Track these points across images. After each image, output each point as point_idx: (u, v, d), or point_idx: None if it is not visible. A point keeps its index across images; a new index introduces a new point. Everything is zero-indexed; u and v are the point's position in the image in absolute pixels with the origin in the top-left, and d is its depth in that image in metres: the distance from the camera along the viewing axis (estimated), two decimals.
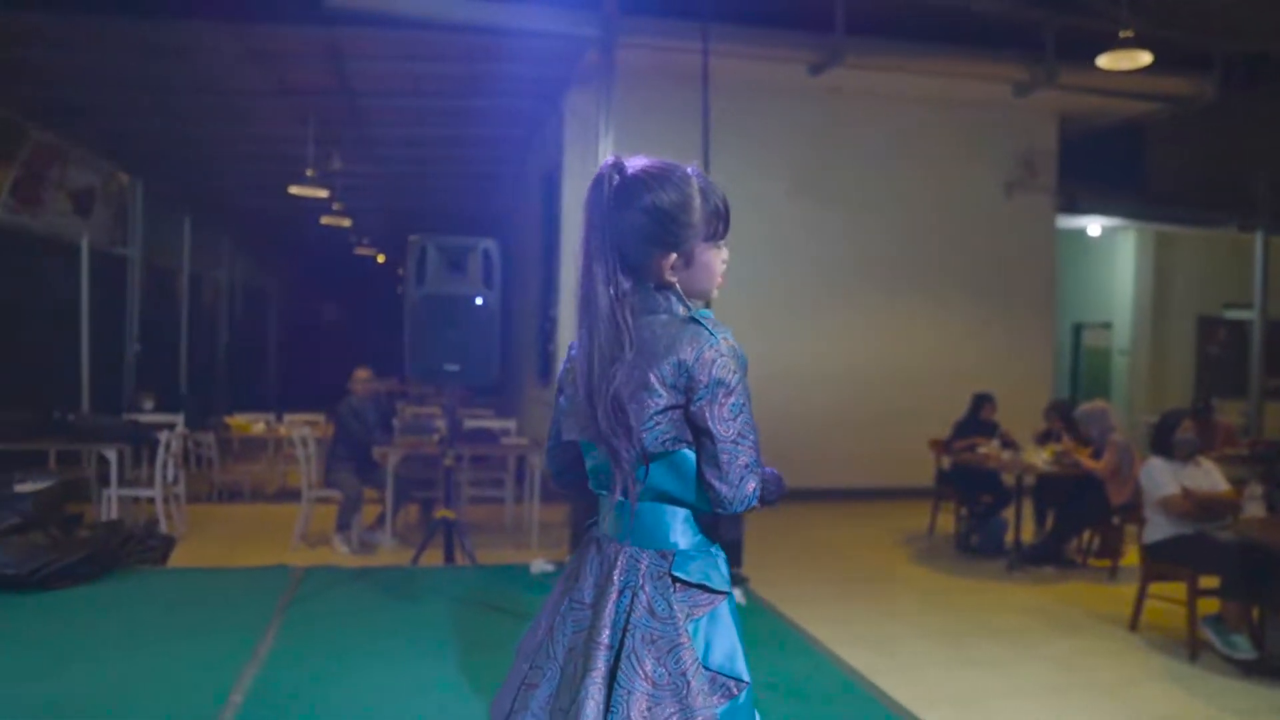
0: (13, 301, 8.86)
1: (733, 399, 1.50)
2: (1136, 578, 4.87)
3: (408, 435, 7.31)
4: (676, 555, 1.53)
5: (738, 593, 4.47)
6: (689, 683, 1.45)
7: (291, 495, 7.30)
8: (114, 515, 6.19)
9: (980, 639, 4.65)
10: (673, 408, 1.50)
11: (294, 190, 9.36)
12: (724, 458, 1.49)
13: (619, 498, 1.54)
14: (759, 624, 4.39)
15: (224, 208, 13.94)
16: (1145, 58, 6.53)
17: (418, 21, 7.26)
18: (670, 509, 1.55)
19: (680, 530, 1.55)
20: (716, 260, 1.66)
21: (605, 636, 1.49)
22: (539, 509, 6.88)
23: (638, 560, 1.53)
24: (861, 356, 8.78)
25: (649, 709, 1.44)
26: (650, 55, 7.80)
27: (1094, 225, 10.57)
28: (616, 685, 1.46)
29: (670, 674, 1.45)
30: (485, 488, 7.73)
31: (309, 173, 9.20)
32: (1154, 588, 4.75)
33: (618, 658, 1.47)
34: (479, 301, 5.32)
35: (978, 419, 6.95)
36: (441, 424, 7.95)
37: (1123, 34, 6.47)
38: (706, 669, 1.48)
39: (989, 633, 4.76)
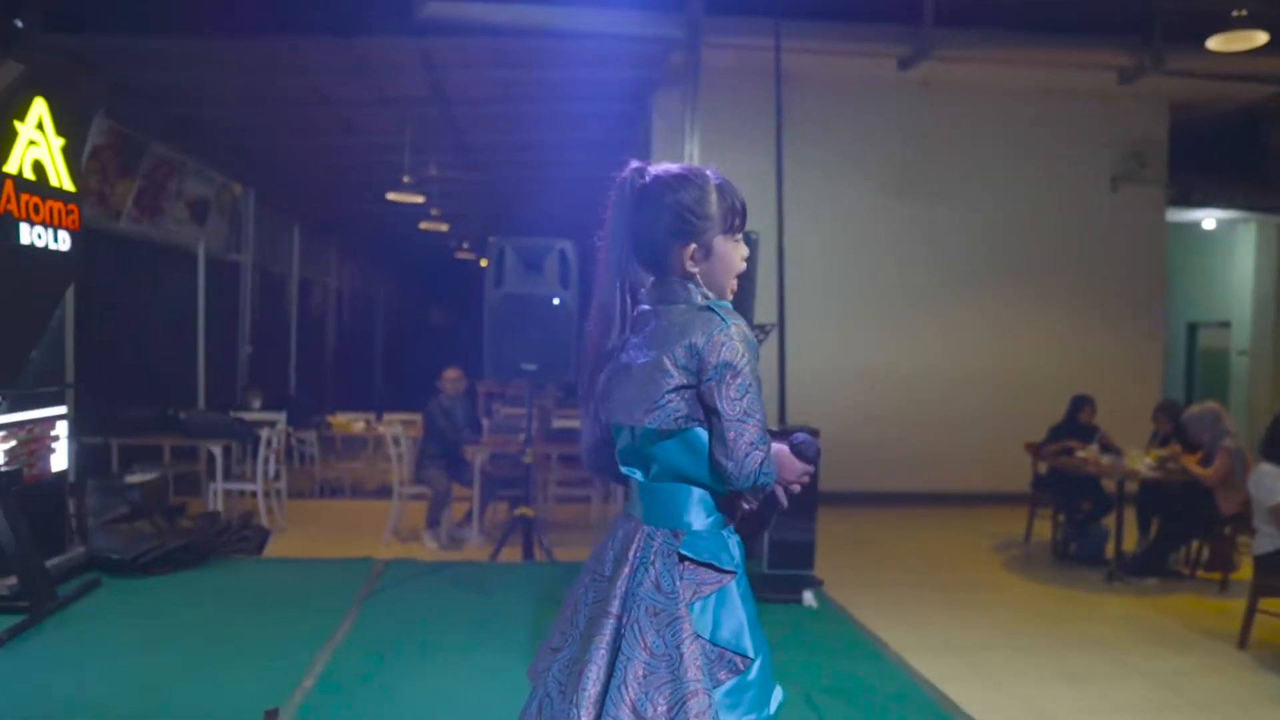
0: (136, 305, 9.42)
1: (739, 380, 1.58)
2: (1248, 592, 4.57)
3: (496, 434, 7.45)
4: (687, 534, 1.63)
5: (808, 596, 4.45)
6: (682, 655, 1.54)
7: (389, 492, 7.54)
8: (219, 508, 6.51)
9: (1073, 651, 4.43)
10: (684, 387, 1.60)
11: (391, 196, 9.66)
12: (730, 435, 1.57)
13: (639, 478, 1.68)
14: (828, 628, 4.30)
15: (331, 215, 14.49)
16: (1260, 37, 6.13)
17: (506, 29, 7.44)
18: (685, 489, 1.65)
19: (694, 510, 1.65)
20: (735, 253, 1.73)
21: (615, 607, 1.60)
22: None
23: (653, 538, 1.64)
24: (955, 356, 8.51)
25: (644, 676, 1.54)
26: (734, 55, 7.78)
27: (1209, 218, 9.98)
28: (620, 653, 1.56)
29: (667, 646, 1.55)
30: (573, 486, 7.82)
31: (405, 179, 9.49)
32: (1265, 603, 4.45)
33: (624, 627, 1.58)
34: (556, 301, 5.40)
35: (1076, 422, 6.64)
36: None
37: (1235, 13, 6.10)
38: (715, 645, 1.58)
39: (1083, 645, 4.53)
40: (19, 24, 6.97)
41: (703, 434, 1.62)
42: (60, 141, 4.65)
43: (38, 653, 3.69)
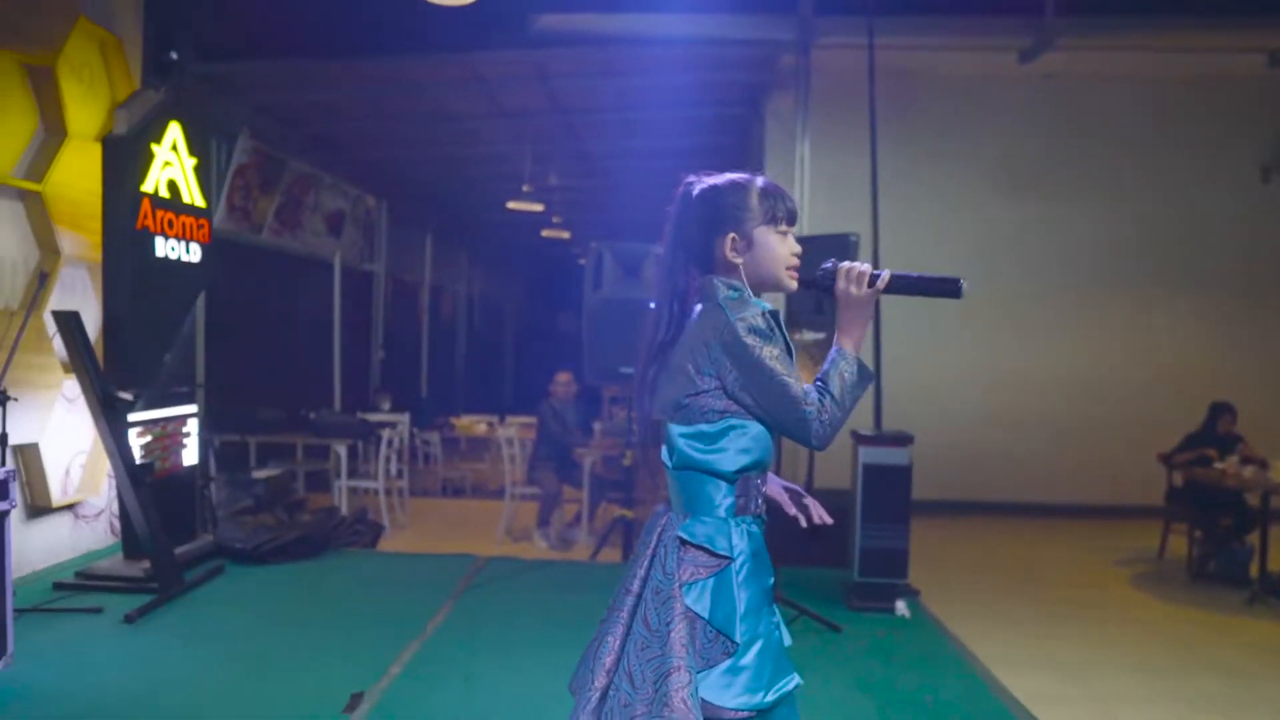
0: (276, 313, 10.05)
1: (758, 366, 1.64)
2: None
3: (608, 437, 7.56)
4: (690, 519, 1.71)
5: (900, 605, 4.32)
6: (669, 632, 1.62)
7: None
8: (342, 504, 6.86)
9: (1203, 677, 4.13)
10: (705, 391, 1.69)
11: (512, 205, 9.95)
12: (777, 410, 1.65)
13: (668, 465, 1.78)
14: (918, 639, 4.16)
15: (460, 224, 15.03)
16: None
17: (615, 39, 7.55)
18: (699, 477, 1.71)
19: (705, 497, 1.71)
20: (780, 245, 1.76)
21: (635, 585, 1.71)
22: None
23: (671, 523, 1.74)
24: (1082, 360, 8.06)
25: (641, 650, 1.65)
26: (847, 55, 7.63)
27: None
28: (631, 627, 1.69)
29: (660, 623, 1.64)
30: None
31: (525, 188, 9.75)
32: None
33: (638, 604, 1.70)
34: (652, 305, 5.43)
35: (1214, 431, 6.19)
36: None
37: None
38: (711, 626, 1.64)
39: (1216, 671, 4.22)
40: (173, 55, 7.57)
41: (719, 425, 1.69)
42: (193, 161, 5.02)
43: (162, 630, 3.99)
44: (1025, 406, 7.98)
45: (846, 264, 1.74)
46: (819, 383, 1.68)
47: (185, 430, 5.02)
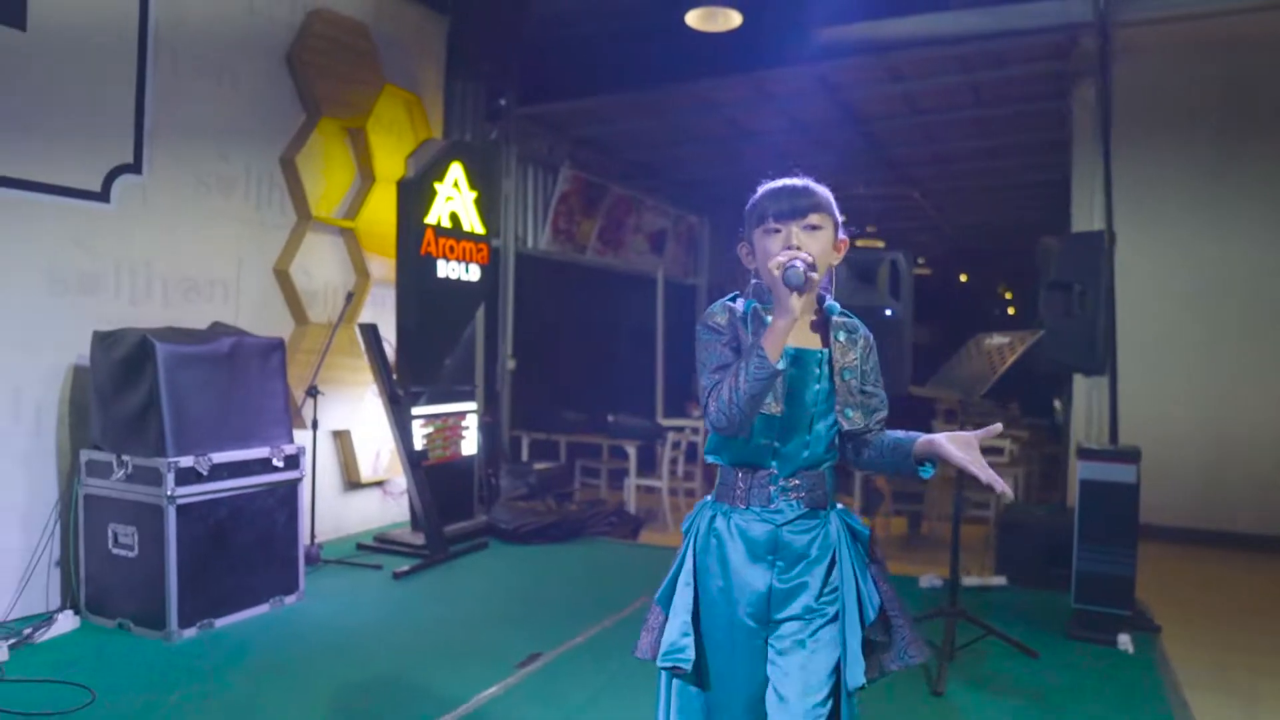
0: (602, 325, 11.09)
1: (697, 354, 1.83)
2: None
3: None
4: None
5: (1124, 639, 3.92)
6: None
7: None
8: (630, 501, 7.50)
9: None
10: None
11: None
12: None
13: None
14: (1136, 679, 3.73)
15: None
16: None
17: (897, 43, 7.46)
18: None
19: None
20: (770, 244, 1.80)
21: None
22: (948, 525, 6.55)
23: None
24: None
25: None
26: (1159, 31, 6.85)
27: None
28: None
29: None
30: (909, 502, 7.53)
31: None
32: None
33: None
34: (888, 313, 5.36)
35: None
36: None
37: None
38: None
39: None
40: (502, 102, 8.78)
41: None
42: (473, 195, 5.89)
43: (419, 587, 4.80)
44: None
45: (786, 255, 1.71)
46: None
47: (465, 424, 5.89)
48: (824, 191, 1.85)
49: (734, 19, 6.84)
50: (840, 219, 1.88)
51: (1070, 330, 4.88)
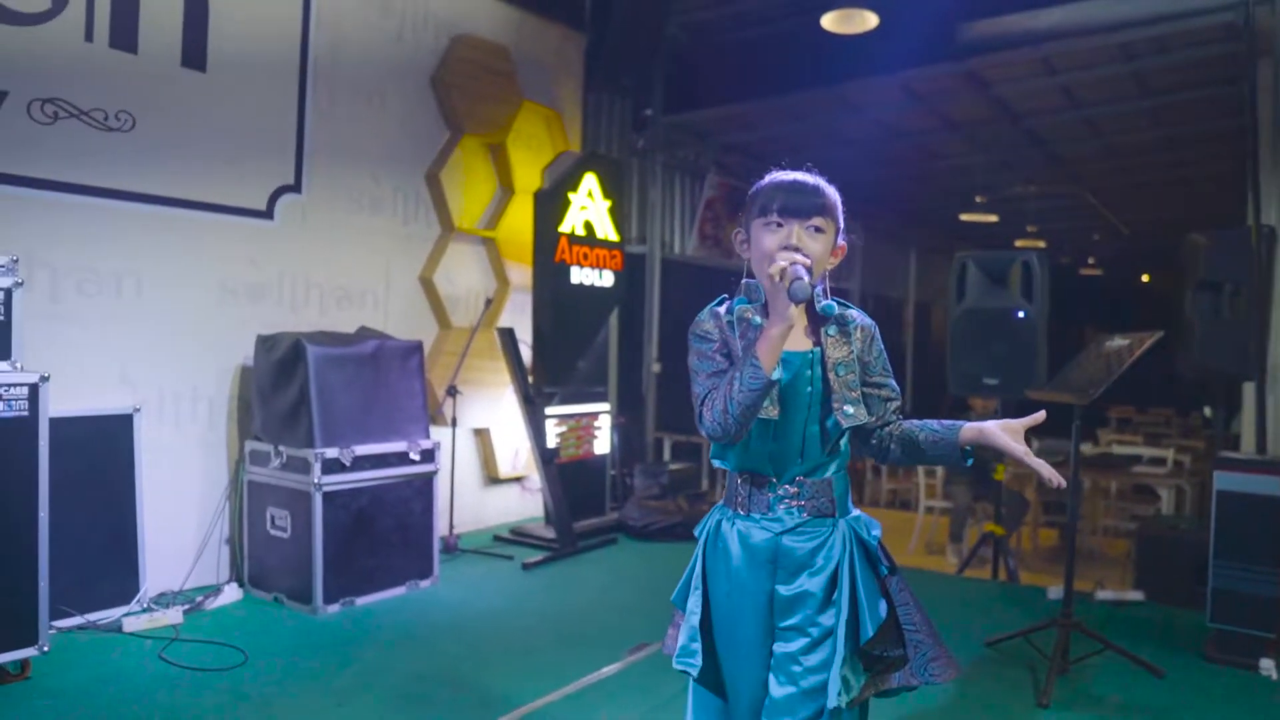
0: None
1: (690, 364, 1.80)
2: None
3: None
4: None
5: (1267, 664, 3.67)
6: None
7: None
8: None
9: None
10: None
11: (964, 217, 9.77)
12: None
13: None
14: (1270, 706, 3.48)
15: (944, 239, 14.79)
16: None
17: (1049, 34, 7.17)
18: None
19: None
20: (768, 239, 1.73)
21: None
22: (1102, 539, 6.21)
23: None
24: None
25: None
26: None
27: None
28: None
29: None
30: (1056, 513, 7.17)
31: (978, 199, 9.52)
32: None
33: None
34: (1020, 315, 5.19)
35: None
36: (1085, 449, 7.60)
37: None
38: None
39: None
40: (648, 112, 9.06)
41: None
42: (607, 203, 6.13)
43: (545, 577, 5.07)
44: None
45: (786, 257, 1.65)
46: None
47: (597, 424, 6.13)
48: (833, 193, 1.80)
49: (870, 20, 6.78)
50: (843, 224, 1.83)
51: (1220, 333, 4.59)
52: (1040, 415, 1.73)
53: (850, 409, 1.78)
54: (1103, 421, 11.10)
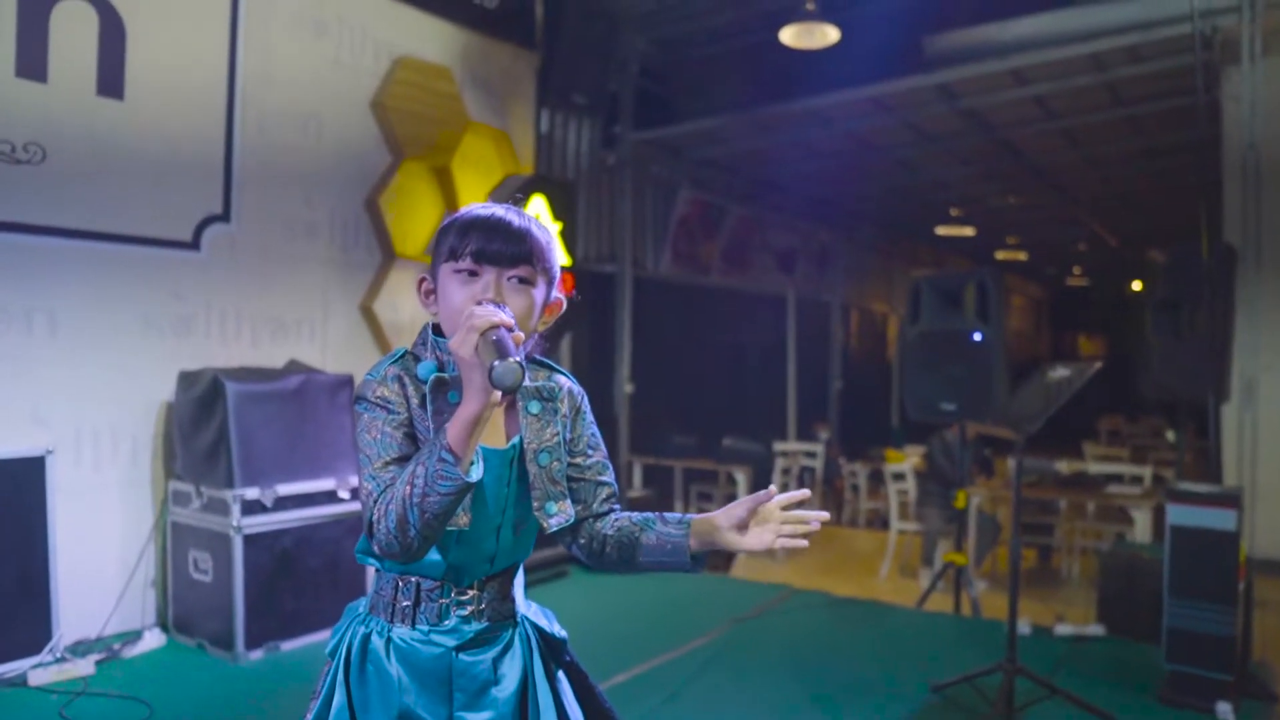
0: (729, 347, 10.98)
1: (355, 438, 1.38)
2: None
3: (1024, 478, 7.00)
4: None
5: (1223, 708, 3.49)
6: None
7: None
8: None
9: None
10: None
11: (940, 231, 9.61)
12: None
13: None
14: None
15: (923, 255, 14.63)
16: None
17: (1016, 46, 7.04)
18: None
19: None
20: (459, 293, 1.37)
21: None
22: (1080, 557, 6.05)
23: None
24: None
25: None
26: None
27: None
28: None
29: None
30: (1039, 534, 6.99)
31: (953, 212, 9.36)
32: None
33: None
34: (977, 337, 5.02)
35: None
36: (1062, 467, 7.43)
37: None
38: None
39: None
40: (617, 129, 8.92)
41: None
42: (557, 226, 5.97)
43: (576, 587, 5.16)
44: None
45: (484, 310, 1.26)
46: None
47: None
48: (545, 236, 1.43)
49: (831, 35, 6.65)
50: (558, 275, 1.48)
51: (1179, 353, 4.42)
52: (772, 490, 1.42)
53: (554, 508, 1.47)
54: (1092, 434, 10.92)
